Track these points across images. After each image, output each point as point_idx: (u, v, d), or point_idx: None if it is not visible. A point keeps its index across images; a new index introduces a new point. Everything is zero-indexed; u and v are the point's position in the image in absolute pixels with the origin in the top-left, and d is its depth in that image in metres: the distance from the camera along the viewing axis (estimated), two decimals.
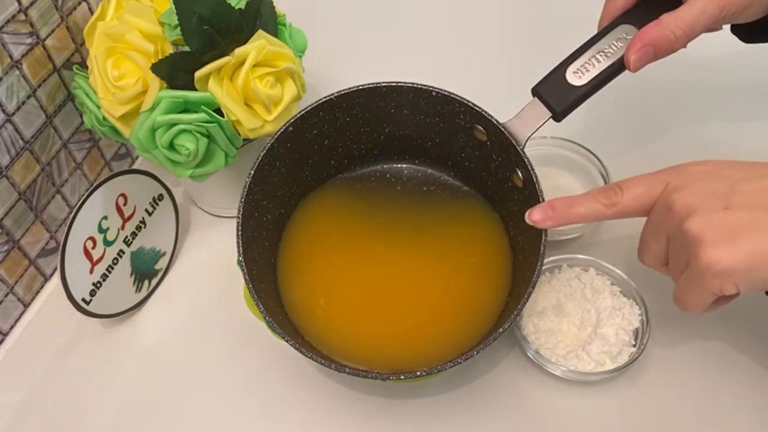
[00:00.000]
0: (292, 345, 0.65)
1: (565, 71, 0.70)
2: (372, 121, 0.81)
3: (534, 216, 0.66)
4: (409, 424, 0.73)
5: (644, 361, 0.75)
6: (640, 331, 0.75)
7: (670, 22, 0.66)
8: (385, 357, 0.73)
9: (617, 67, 0.70)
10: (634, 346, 0.74)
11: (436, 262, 0.80)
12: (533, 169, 0.70)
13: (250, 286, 0.68)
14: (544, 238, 0.67)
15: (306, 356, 0.65)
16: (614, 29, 0.71)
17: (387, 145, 0.84)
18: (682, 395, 0.73)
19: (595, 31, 0.72)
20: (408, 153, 0.86)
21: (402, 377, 0.64)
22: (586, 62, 0.70)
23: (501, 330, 0.65)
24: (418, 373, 0.63)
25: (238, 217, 0.71)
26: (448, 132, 0.80)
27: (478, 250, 0.80)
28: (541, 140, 0.88)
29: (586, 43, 0.71)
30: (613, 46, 0.70)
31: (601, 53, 0.70)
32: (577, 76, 0.70)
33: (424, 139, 0.83)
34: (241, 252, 0.70)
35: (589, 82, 0.70)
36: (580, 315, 0.75)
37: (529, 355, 0.75)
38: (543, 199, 0.69)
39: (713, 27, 0.68)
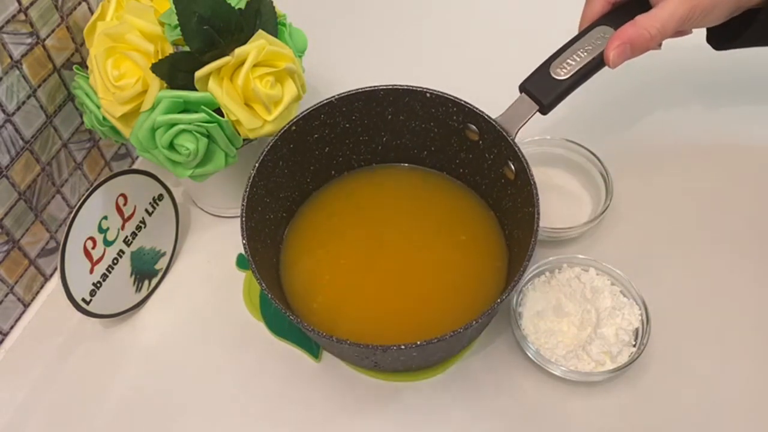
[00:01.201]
0: (294, 320, 0.65)
1: (549, 67, 0.75)
2: (370, 128, 0.83)
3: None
4: (408, 424, 0.73)
5: (644, 361, 0.75)
6: (640, 331, 0.75)
7: (644, 22, 0.72)
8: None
9: (597, 62, 0.74)
10: (634, 346, 0.74)
11: (434, 258, 0.81)
12: (524, 157, 0.73)
13: (253, 266, 0.68)
14: (536, 223, 0.69)
15: (307, 330, 0.65)
16: (592, 30, 0.76)
17: (384, 155, 0.87)
18: (682, 395, 0.73)
19: (574, 34, 0.77)
20: (405, 162, 0.88)
21: (402, 347, 0.64)
22: (568, 59, 0.75)
23: (499, 300, 0.66)
24: (418, 343, 0.63)
25: (243, 205, 0.72)
26: (442, 137, 0.82)
27: (476, 247, 0.82)
28: (542, 140, 0.88)
29: (567, 43, 0.76)
30: (592, 44, 0.75)
31: (582, 50, 0.75)
32: (560, 71, 0.75)
33: (420, 148, 0.86)
34: (245, 235, 0.71)
35: (571, 75, 0.74)
36: (580, 315, 0.76)
37: (529, 355, 0.75)
38: (535, 184, 0.71)
39: (683, 29, 0.73)
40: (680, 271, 0.82)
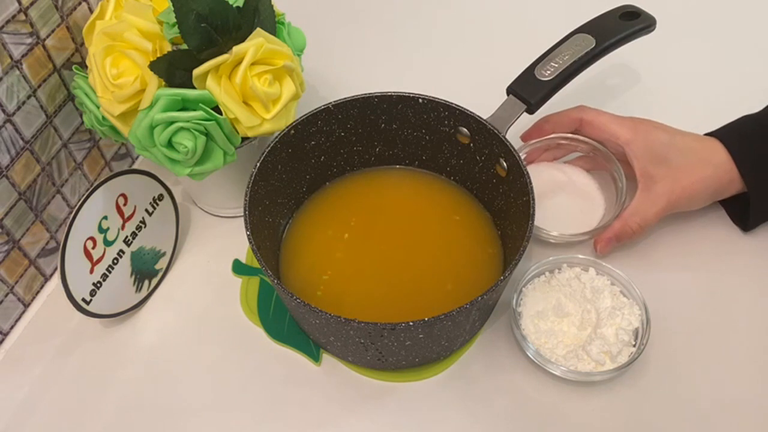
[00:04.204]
0: (299, 303, 0.66)
1: (533, 70, 0.82)
2: (364, 137, 0.85)
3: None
4: (409, 425, 0.73)
5: (644, 361, 0.75)
6: (639, 331, 0.74)
7: (628, 218, 0.80)
8: None
9: (579, 65, 0.82)
10: (634, 346, 0.74)
11: (431, 252, 0.83)
12: (516, 151, 0.76)
13: (259, 256, 0.69)
14: (532, 211, 0.71)
15: (316, 312, 0.65)
16: (573, 36, 0.84)
17: (377, 165, 0.90)
18: (681, 395, 0.73)
19: (556, 39, 0.84)
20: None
21: (411, 324, 0.64)
22: (551, 62, 0.82)
23: (502, 278, 0.67)
24: (425, 319, 0.64)
25: (246, 200, 0.73)
26: (434, 144, 0.85)
27: (474, 237, 0.84)
28: (555, 139, 0.88)
29: (549, 49, 0.84)
30: (573, 48, 0.83)
31: (565, 53, 0.82)
32: (545, 73, 0.81)
33: (412, 158, 0.89)
34: (248, 227, 0.71)
35: (556, 76, 0.81)
36: (580, 315, 0.75)
37: (529, 355, 0.74)
38: (528, 175, 0.74)
39: (665, 215, 0.82)
40: (680, 271, 0.82)
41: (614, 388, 0.74)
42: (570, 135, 0.87)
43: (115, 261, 0.79)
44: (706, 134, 0.83)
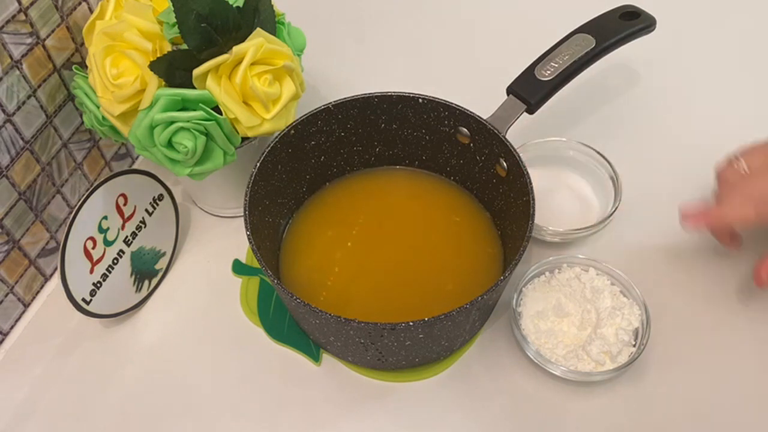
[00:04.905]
0: (299, 303, 0.66)
1: (533, 70, 0.82)
2: (364, 137, 0.85)
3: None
4: (409, 425, 0.73)
5: (644, 361, 0.74)
6: (639, 331, 0.74)
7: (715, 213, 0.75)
8: None
9: (580, 64, 0.82)
10: (634, 346, 0.74)
11: (431, 253, 0.83)
12: (516, 151, 0.76)
13: (259, 256, 0.69)
14: (532, 211, 0.71)
15: (316, 312, 0.65)
16: (573, 36, 0.84)
17: (377, 165, 0.90)
18: (682, 395, 0.73)
19: (556, 39, 0.84)
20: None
21: (411, 324, 0.64)
22: (551, 62, 0.82)
23: (502, 278, 0.67)
24: (425, 319, 0.64)
25: (246, 200, 0.72)
26: (434, 144, 0.85)
27: (473, 237, 0.84)
28: (552, 142, 0.89)
29: (549, 48, 0.84)
30: (573, 48, 0.83)
31: (565, 54, 0.82)
32: (545, 73, 0.81)
33: (412, 158, 0.89)
34: (248, 227, 0.71)
35: (556, 76, 0.81)
36: (580, 315, 0.75)
37: (529, 355, 0.74)
38: (528, 175, 0.74)
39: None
40: (680, 272, 0.82)
41: (614, 388, 0.74)
42: (574, 141, 0.88)
43: (115, 261, 0.79)
44: None
